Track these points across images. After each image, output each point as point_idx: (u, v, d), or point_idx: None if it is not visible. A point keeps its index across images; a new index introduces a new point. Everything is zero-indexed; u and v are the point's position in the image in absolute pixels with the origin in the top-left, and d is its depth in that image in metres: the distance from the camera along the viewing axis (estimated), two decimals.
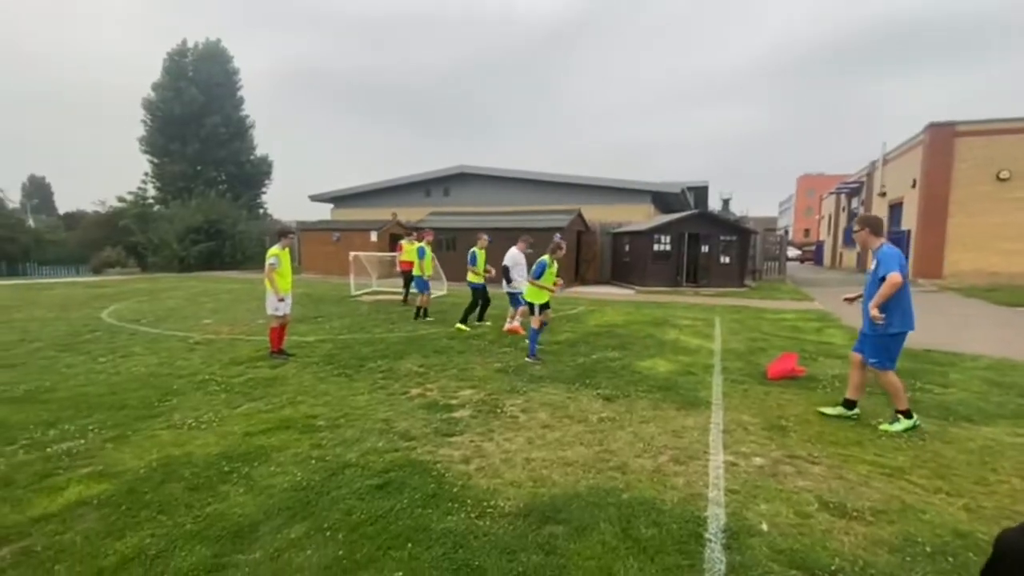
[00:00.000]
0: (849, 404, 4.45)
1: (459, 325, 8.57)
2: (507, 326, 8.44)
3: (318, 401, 4.81)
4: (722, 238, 17.07)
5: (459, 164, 25.01)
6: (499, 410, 4.56)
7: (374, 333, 8.35)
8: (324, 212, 29.91)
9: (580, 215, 18.94)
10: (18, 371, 5.85)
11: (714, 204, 36.27)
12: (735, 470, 3.40)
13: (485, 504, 2.90)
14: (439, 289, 14.09)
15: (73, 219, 34.51)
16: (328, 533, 2.62)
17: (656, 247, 16.95)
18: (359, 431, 4.04)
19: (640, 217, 20.75)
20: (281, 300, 6.43)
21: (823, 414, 4.47)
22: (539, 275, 6.46)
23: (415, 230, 19.66)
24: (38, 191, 55.87)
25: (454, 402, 4.79)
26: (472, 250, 8.86)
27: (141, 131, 31.76)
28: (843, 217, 32.15)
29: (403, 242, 12.38)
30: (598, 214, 20.46)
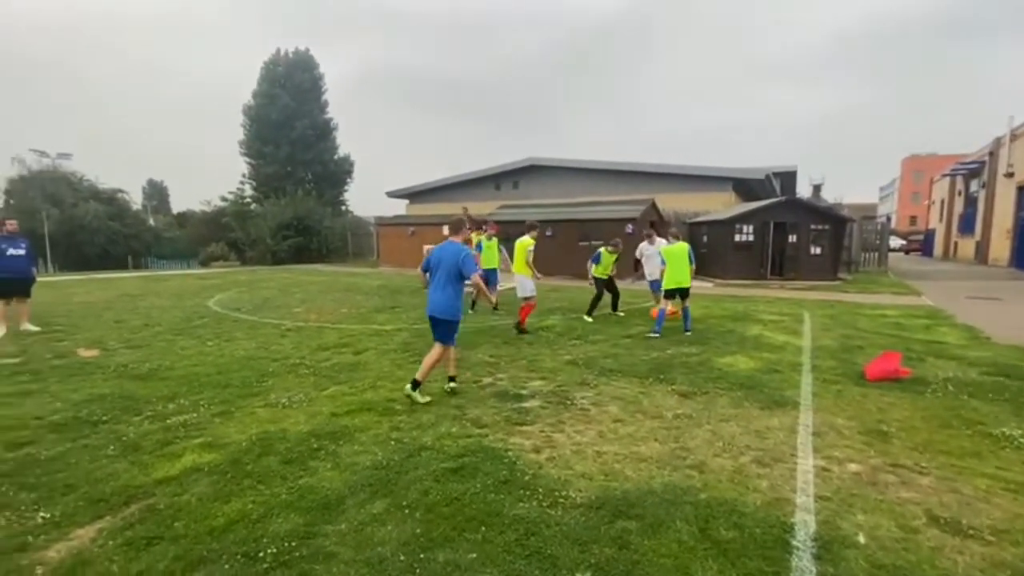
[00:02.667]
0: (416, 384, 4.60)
1: (585, 316, 8.82)
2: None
3: (396, 386, 5.04)
4: (812, 227, 15.79)
5: (528, 156, 25.09)
6: (569, 402, 4.53)
7: None
8: (400, 207, 31.23)
9: (654, 204, 18.31)
10: (143, 351, 6.66)
11: (803, 191, 33.67)
12: (827, 476, 3.15)
13: (557, 494, 2.90)
14: (508, 282, 14.23)
15: (185, 218, 38.62)
16: (407, 511, 2.74)
17: (737, 237, 16.02)
18: (434, 416, 4.19)
19: (719, 206, 19.72)
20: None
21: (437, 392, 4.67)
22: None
23: (480, 224, 19.93)
24: (156, 193, 62.87)
25: (524, 392, 4.83)
26: (599, 250, 8.99)
27: (241, 135, 34.78)
28: (959, 202, 28.61)
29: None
30: (673, 203, 19.69)
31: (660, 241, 9.04)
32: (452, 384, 4.86)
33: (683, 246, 7.68)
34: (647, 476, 3.15)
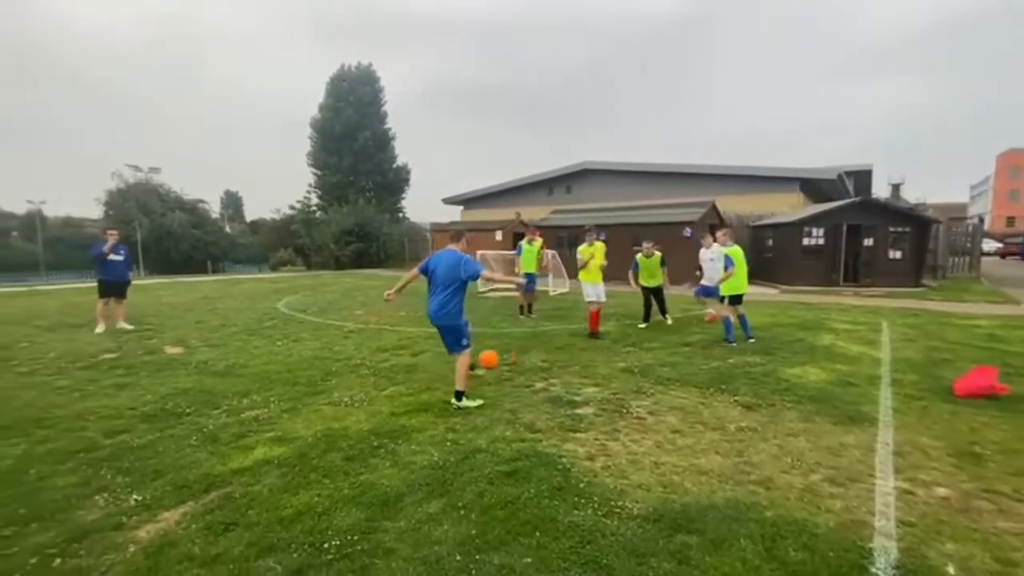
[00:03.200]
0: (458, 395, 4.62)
1: (640, 325, 8.63)
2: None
3: (452, 388, 5.11)
4: (891, 229, 14.65)
5: (582, 160, 24.92)
6: (625, 410, 4.44)
7: (500, 328, 8.67)
8: (455, 214, 31.88)
9: (714, 207, 17.66)
10: (220, 350, 7.17)
11: (880, 191, 31.39)
12: (910, 499, 2.90)
13: (612, 503, 2.85)
14: (560, 287, 14.18)
15: (256, 226, 41.33)
16: (462, 512, 2.79)
17: (806, 241, 15.14)
18: (488, 419, 4.23)
19: (785, 208, 18.74)
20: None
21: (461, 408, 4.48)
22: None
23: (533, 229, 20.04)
24: (232, 202, 67.70)
25: (578, 399, 4.78)
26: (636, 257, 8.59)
27: (308, 148, 36.82)
28: None
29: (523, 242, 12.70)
30: (735, 205, 18.91)
31: (716, 246, 8.43)
32: (457, 402, 4.54)
33: (739, 249, 7.38)
34: (708, 490, 3.03)
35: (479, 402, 4.62)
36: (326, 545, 2.49)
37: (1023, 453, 3.48)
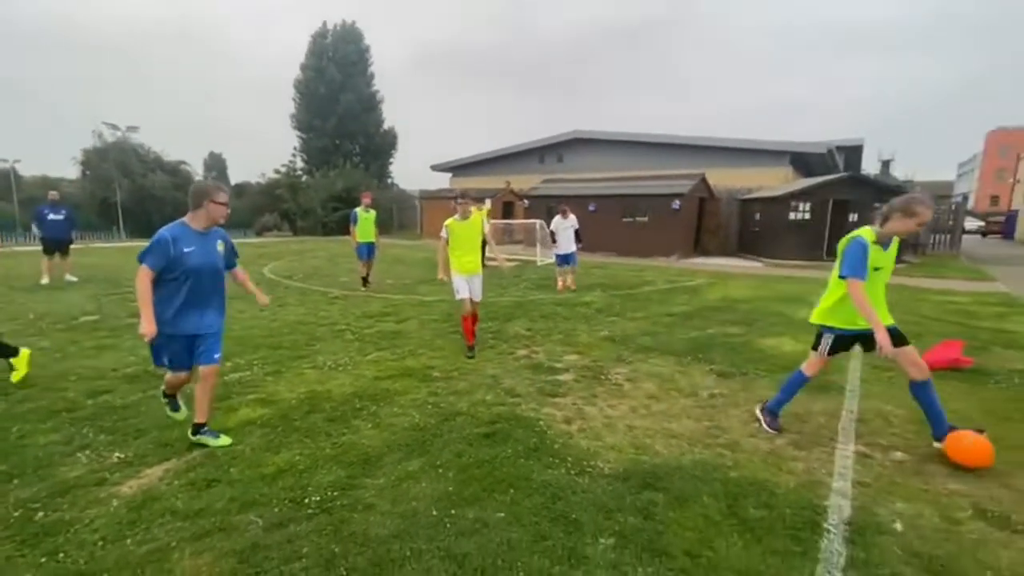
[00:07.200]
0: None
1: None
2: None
3: (436, 354, 5.21)
4: (876, 205, 14.72)
5: (573, 129, 24.56)
6: (603, 377, 4.55)
7: (485, 296, 8.70)
8: (444, 181, 31.45)
9: (704, 180, 17.63)
10: None
11: (871, 167, 31.47)
12: (868, 462, 3.05)
13: (585, 463, 2.97)
14: (548, 257, 14.21)
15: (241, 189, 40.33)
16: (440, 470, 2.88)
17: (792, 215, 15.24)
18: (470, 384, 4.32)
19: (775, 182, 18.75)
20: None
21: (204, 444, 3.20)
22: None
23: (525, 198, 20.00)
24: (216, 164, 65.79)
25: (558, 365, 4.88)
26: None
27: (292, 109, 35.72)
28: None
29: (472, 208, 13.20)
30: (726, 179, 18.88)
31: (572, 216, 9.74)
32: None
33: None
34: (678, 452, 3.16)
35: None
36: (307, 500, 2.58)
37: (979, 422, 3.65)
